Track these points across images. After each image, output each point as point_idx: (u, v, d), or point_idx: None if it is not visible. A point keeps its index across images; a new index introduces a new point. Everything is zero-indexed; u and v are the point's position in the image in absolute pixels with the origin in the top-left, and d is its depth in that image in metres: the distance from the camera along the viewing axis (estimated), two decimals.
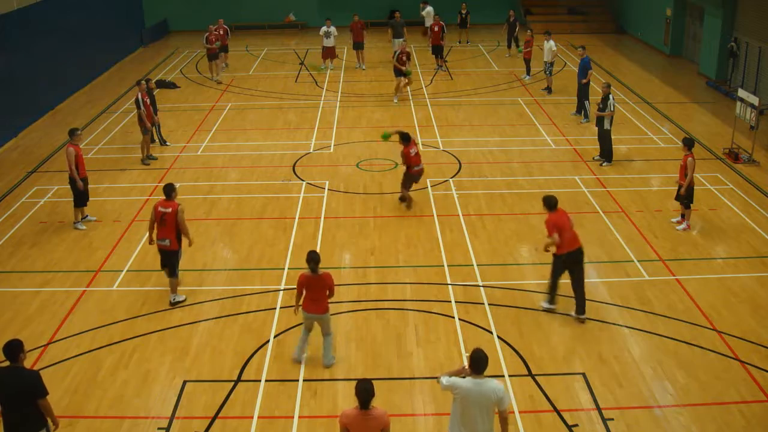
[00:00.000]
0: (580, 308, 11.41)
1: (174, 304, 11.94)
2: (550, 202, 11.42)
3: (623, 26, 33.62)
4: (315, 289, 10.02)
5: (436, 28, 26.72)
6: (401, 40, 27.70)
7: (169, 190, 11.74)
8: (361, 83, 25.59)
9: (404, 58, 22.86)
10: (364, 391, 7.16)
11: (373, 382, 10.00)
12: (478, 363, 7.44)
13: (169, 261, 11.84)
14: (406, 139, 15.16)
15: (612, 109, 17.24)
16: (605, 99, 17.29)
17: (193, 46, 31.77)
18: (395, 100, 23.04)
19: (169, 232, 11.60)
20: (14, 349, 7.81)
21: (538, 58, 25.91)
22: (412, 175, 15.24)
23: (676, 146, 18.69)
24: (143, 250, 13.86)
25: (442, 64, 27.21)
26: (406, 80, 23.13)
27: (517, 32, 28.91)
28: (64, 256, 13.72)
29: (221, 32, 27.09)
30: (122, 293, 12.44)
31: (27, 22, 21.95)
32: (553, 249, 11.34)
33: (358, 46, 27.47)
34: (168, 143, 19.45)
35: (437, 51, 27.13)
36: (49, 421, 8.01)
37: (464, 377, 7.49)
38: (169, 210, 11.56)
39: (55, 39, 23.60)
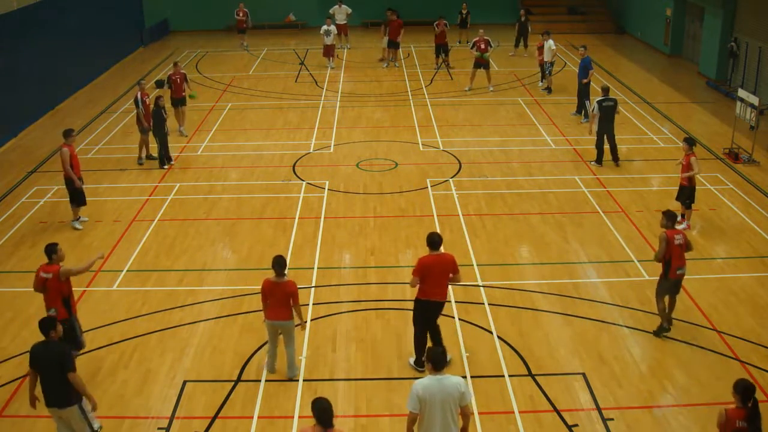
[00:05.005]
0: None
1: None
2: (431, 241, 9.78)
3: (623, 26, 33.62)
4: (277, 296, 9.77)
5: (440, 29, 26.76)
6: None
7: (49, 252, 9.96)
8: (361, 83, 25.59)
9: (483, 45, 23.51)
10: (325, 410, 6.93)
11: (373, 382, 10.02)
12: (438, 360, 7.45)
13: (64, 335, 9.52)
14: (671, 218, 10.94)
15: (593, 111, 17.45)
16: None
17: (193, 46, 31.80)
18: (491, 88, 24.11)
19: (54, 300, 9.83)
20: (46, 324, 8.44)
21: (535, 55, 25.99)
22: (670, 280, 10.84)
23: (676, 146, 18.69)
24: (143, 250, 13.88)
25: (448, 61, 27.24)
26: (486, 72, 24.06)
27: (529, 33, 28.90)
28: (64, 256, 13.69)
29: (241, 15, 30.21)
30: (122, 293, 12.44)
31: (27, 22, 21.95)
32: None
33: (392, 44, 27.47)
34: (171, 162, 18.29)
35: (443, 49, 27.15)
36: (85, 399, 8.45)
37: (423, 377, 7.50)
38: (50, 275, 9.80)
39: (55, 39, 23.60)
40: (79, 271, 10.27)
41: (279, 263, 9.76)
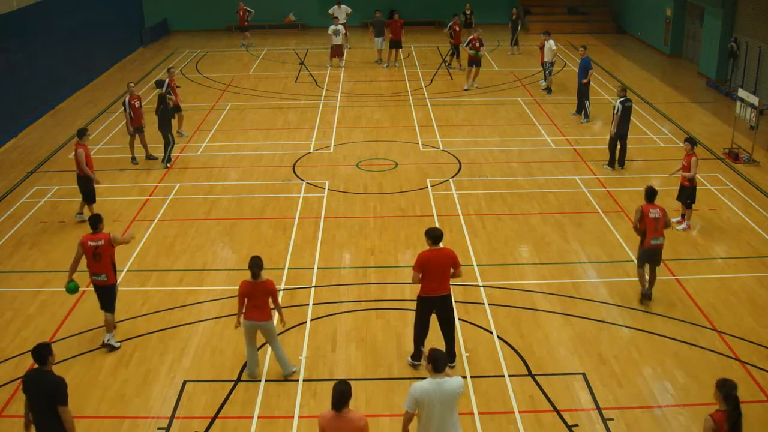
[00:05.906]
0: (450, 355, 10.10)
1: (107, 346, 10.85)
2: (433, 235, 9.82)
3: (623, 26, 33.62)
4: (257, 296, 9.75)
5: (457, 28, 26.88)
6: (381, 39, 27.84)
7: (96, 222, 10.69)
8: (361, 83, 25.59)
9: (477, 44, 23.75)
10: (339, 392, 7.03)
11: (373, 382, 10.00)
12: (438, 362, 7.38)
13: (107, 296, 10.86)
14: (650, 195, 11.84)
15: (617, 112, 17.02)
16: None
17: (193, 46, 31.79)
18: (466, 88, 24.21)
19: (105, 266, 10.63)
20: (42, 351, 7.92)
21: (534, 55, 25.98)
22: (647, 250, 11.66)
23: (676, 146, 18.69)
24: (143, 250, 13.87)
25: (450, 61, 27.36)
26: (476, 70, 24.21)
27: (518, 32, 28.92)
28: (64, 256, 13.69)
29: (241, 13, 30.88)
30: (122, 293, 12.40)
31: (27, 22, 21.95)
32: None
33: (395, 44, 27.48)
34: (155, 155, 18.37)
35: (455, 49, 27.29)
36: None
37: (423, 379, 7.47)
38: (102, 242, 10.55)
39: (55, 39, 23.61)
40: (122, 241, 11.13)
41: (257, 264, 9.73)
